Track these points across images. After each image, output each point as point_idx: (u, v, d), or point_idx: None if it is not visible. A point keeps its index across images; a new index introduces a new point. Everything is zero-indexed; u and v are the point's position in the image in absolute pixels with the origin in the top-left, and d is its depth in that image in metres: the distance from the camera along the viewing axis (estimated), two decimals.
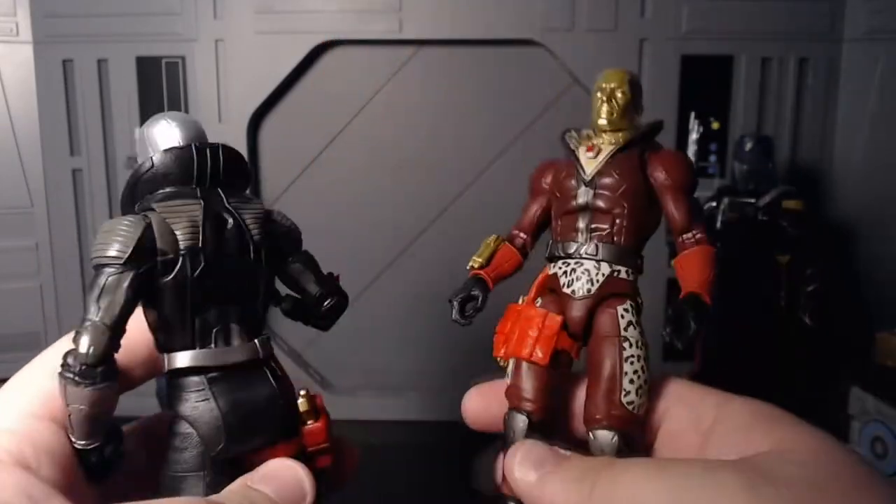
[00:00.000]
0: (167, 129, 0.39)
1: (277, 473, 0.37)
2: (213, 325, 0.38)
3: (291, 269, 0.42)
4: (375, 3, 1.10)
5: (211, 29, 1.11)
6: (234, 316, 0.39)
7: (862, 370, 1.00)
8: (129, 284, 0.35)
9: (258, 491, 0.36)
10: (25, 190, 1.16)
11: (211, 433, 0.37)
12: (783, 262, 1.01)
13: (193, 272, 0.36)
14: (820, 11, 1.10)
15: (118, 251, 0.35)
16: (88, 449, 0.36)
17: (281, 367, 0.41)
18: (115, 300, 0.35)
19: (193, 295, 0.37)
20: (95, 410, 0.35)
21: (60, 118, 1.14)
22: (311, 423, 0.40)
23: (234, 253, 0.38)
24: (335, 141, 1.17)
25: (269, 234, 0.40)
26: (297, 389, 0.41)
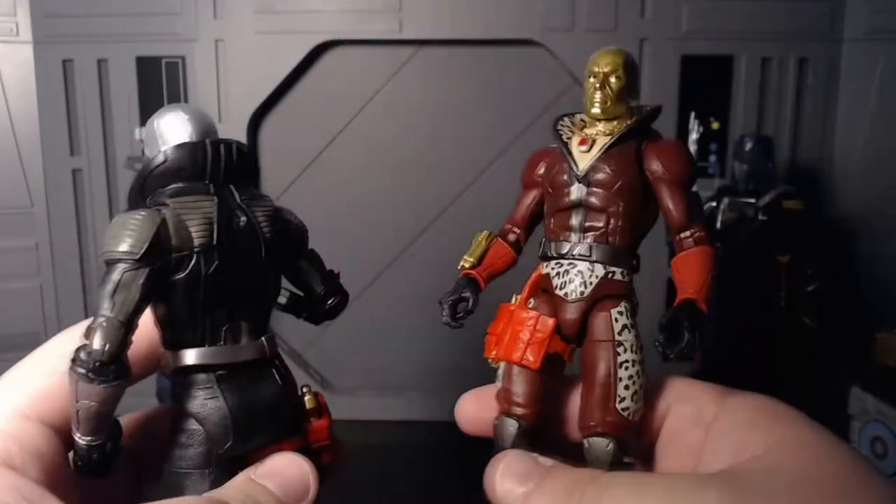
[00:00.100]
0: (177, 122, 0.38)
1: (282, 468, 0.37)
2: (223, 322, 0.38)
3: (299, 267, 0.41)
4: (375, 3, 1.10)
5: (211, 29, 1.11)
6: (243, 314, 0.38)
7: (862, 370, 1.00)
8: (143, 281, 0.34)
9: (261, 486, 0.36)
10: (25, 190, 1.16)
11: (218, 431, 0.37)
12: (783, 262, 1.01)
13: (207, 270, 0.36)
14: (820, 11, 1.10)
15: (132, 246, 0.34)
16: (92, 445, 0.36)
17: (285, 364, 0.41)
18: (129, 297, 0.34)
19: (206, 292, 0.37)
20: (105, 408, 0.34)
21: (60, 118, 1.14)
22: (314, 420, 0.40)
23: (246, 250, 0.37)
24: (335, 141, 1.17)
25: (278, 231, 0.39)
26: (299, 387, 0.41)
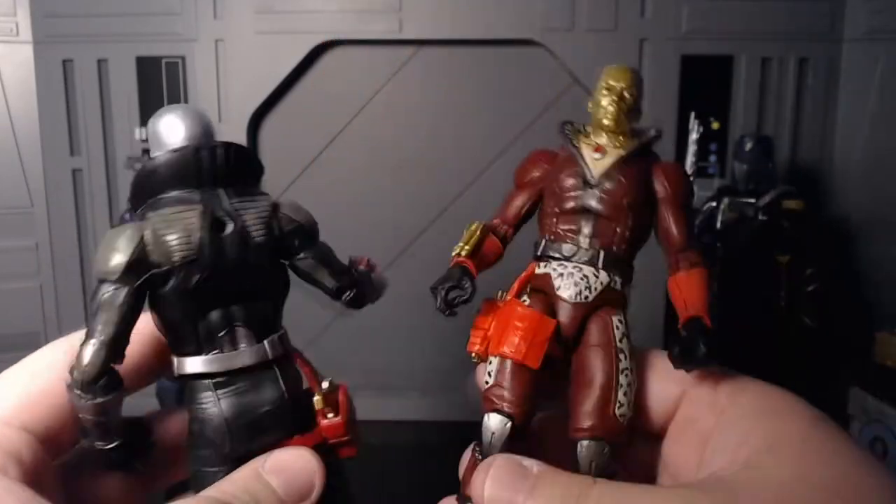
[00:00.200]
0: (172, 125, 0.38)
1: (288, 464, 0.37)
2: (218, 329, 0.38)
3: (302, 264, 0.41)
4: (375, 3, 1.10)
5: (211, 29, 1.11)
6: (240, 318, 0.38)
7: (862, 370, 1.00)
8: (125, 299, 0.35)
9: (265, 484, 0.36)
10: (25, 190, 1.16)
11: (217, 436, 0.37)
12: (783, 262, 1.01)
13: (192, 281, 0.36)
14: (820, 11, 1.10)
15: (113, 266, 0.35)
16: (107, 449, 0.37)
17: (301, 360, 0.41)
18: (111, 317, 0.35)
19: (194, 303, 0.37)
20: (105, 418, 0.36)
21: (60, 118, 1.14)
22: (331, 416, 0.40)
23: (234, 256, 0.37)
24: (335, 141, 1.17)
25: (275, 231, 0.39)
26: (320, 379, 0.41)
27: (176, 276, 0.36)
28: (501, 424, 0.38)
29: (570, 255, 0.40)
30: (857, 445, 0.33)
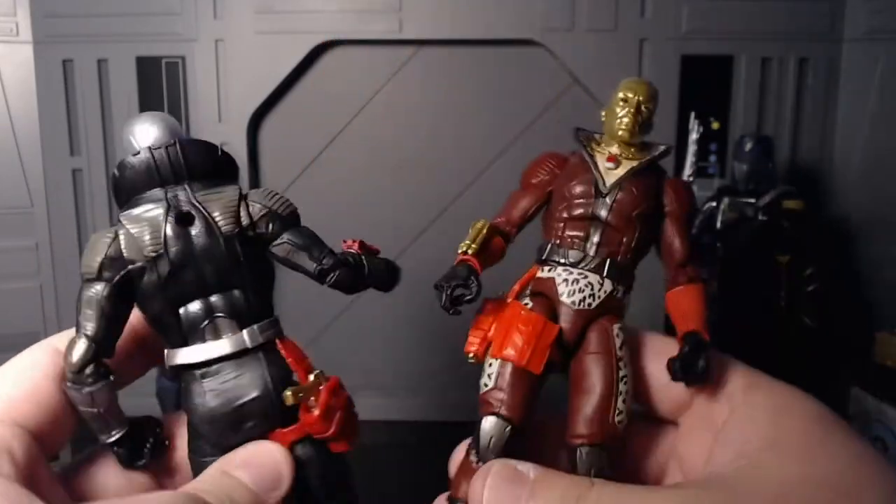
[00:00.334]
0: (135, 132, 0.41)
1: (255, 458, 0.38)
2: (199, 320, 0.39)
3: (278, 250, 0.41)
4: (375, 3, 1.10)
5: (211, 29, 1.11)
6: (220, 309, 0.39)
7: (862, 370, 1.00)
8: (104, 296, 0.38)
9: (235, 479, 0.37)
10: (25, 190, 1.16)
11: (205, 427, 0.39)
12: (783, 262, 1.01)
13: (164, 276, 0.38)
14: (820, 11, 1.10)
15: (91, 265, 0.38)
16: (109, 443, 0.39)
17: (288, 350, 0.41)
18: (92, 312, 0.38)
19: (170, 296, 0.39)
20: (97, 409, 0.38)
21: (60, 118, 1.14)
22: (305, 413, 0.40)
23: (202, 247, 0.39)
24: (335, 141, 1.17)
25: (243, 220, 0.40)
26: (310, 370, 0.41)
27: (149, 271, 0.38)
28: (500, 428, 0.38)
29: (576, 261, 0.40)
30: (860, 441, 0.33)
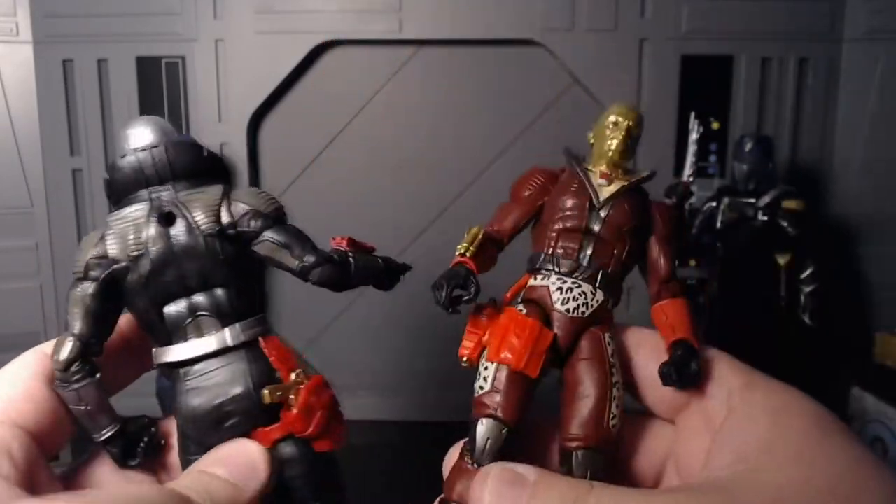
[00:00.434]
0: (126, 136, 0.42)
1: (230, 455, 0.38)
2: (183, 319, 0.40)
3: (259, 248, 0.41)
4: (375, 3, 1.10)
5: (211, 29, 1.11)
6: (203, 307, 0.40)
7: (862, 370, 1.00)
8: (89, 295, 0.39)
9: (212, 475, 0.37)
10: (25, 190, 1.16)
11: (188, 425, 0.39)
12: (783, 262, 1.01)
13: (146, 275, 0.39)
14: (820, 11, 1.10)
15: (79, 265, 0.40)
16: (101, 441, 0.39)
17: (271, 347, 0.41)
18: (78, 311, 0.39)
19: (151, 295, 0.40)
20: (85, 407, 0.39)
21: (60, 118, 1.14)
22: (285, 411, 0.40)
23: (183, 246, 0.39)
24: (335, 141, 1.17)
25: (223, 218, 0.40)
26: (297, 368, 0.41)
27: (132, 270, 0.39)
28: (497, 430, 0.39)
29: (570, 271, 0.42)
30: (858, 443, 0.33)
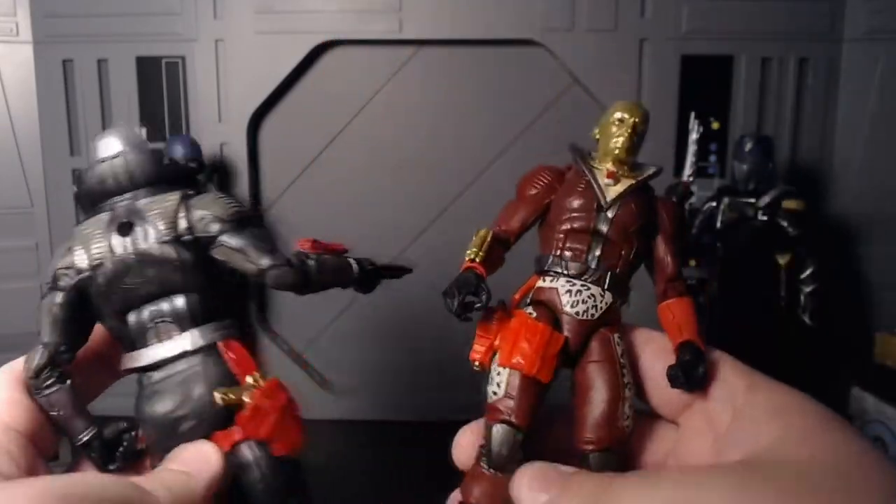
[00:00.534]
0: (95, 148, 0.43)
1: (183, 452, 0.40)
2: (144, 325, 0.41)
3: (216, 252, 0.42)
4: (375, 3, 1.10)
5: (211, 29, 1.11)
6: (164, 313, 0.41)
7: (862, 370, 1.00)
8: (57, 304, 0.40)
9: (165, 468, 0.39)
10: (25, 190, 1.16)
11: (148, 429, 0.40)
12: (783, 262, 1.01)
13: (104, 284, 0.40)
14: (820, 11, 1.10)
15: (48, 275, 0.41)
16: (79, 445, 0.40)
17: (232, 351, 0.41)
18: (46, 320, 0.40)
19: (113, 302, 0.40)
20: (58, 413, 0.40)
21: (60, 118, 1.14)
22: (238, 414, 0.40)
23: (142, 255, 0.40)
24: (335, 141, 1.17)
25: (179, 225, 0.41)
26: (251, 375, 0.41)
27: (95, 279, 0.40)
28: (511, 435, 0.39)
29: (578, 273, 0.41)
30: (861, 438, 0.34)
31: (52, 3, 1.11)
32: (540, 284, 0.42)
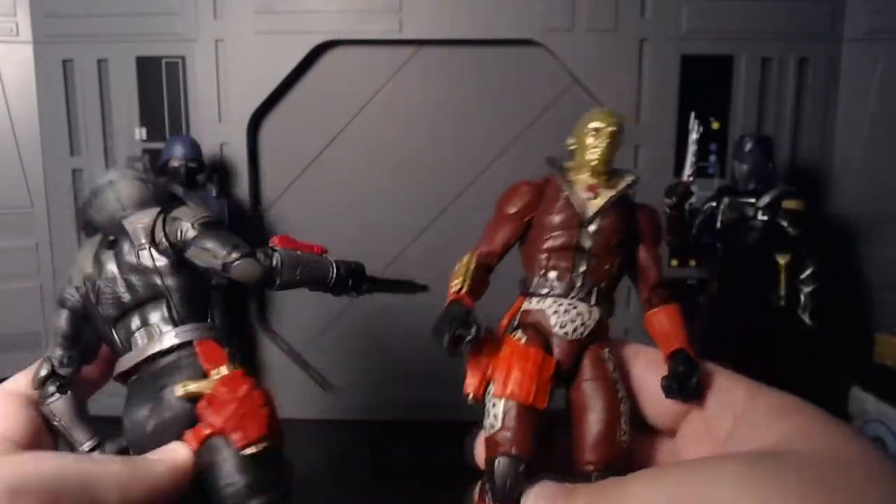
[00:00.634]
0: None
1: (155, 450, 0.42)
2: (132, 331, 0.44)
3: (189, 255, 0.45)
4: (375, 3, 1.10)
5: (211, 29, 1.11)
6: (147, 319, 0.44)
7: (862, 370, 1.00)
8: (64, 318, 0.45)
9: (141, 458, 0.41)
10: (25, 190, 1.16)
11: (127, 434, 0.43)
12: (783, 262, 1.01)
13: (94, 296, 0.44)
14: (820, 11, 1.10)
15: (58, 295, 0.46)
16: (88, 452, 0.43)
17: (205, 349, 0.43)
18: (53, 335, 0.44)
19: (104, 312, 0.44)
20: (59, 422, 0.43)
21: (60, 118, 1.14)
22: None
23: (125, 266, 0.44)
24: (335, 141, 1.17)
25: (157, 236, 0.45)
26: (218, 369, 0.43)
27: (87, 292, 0.45)
28: (515, 467, 0.38)
29: (564, 292, 0.41)
30: (863, 437, 0.34)
31: (52, 3, 1.11)
32: (526, 306, 0.42)
